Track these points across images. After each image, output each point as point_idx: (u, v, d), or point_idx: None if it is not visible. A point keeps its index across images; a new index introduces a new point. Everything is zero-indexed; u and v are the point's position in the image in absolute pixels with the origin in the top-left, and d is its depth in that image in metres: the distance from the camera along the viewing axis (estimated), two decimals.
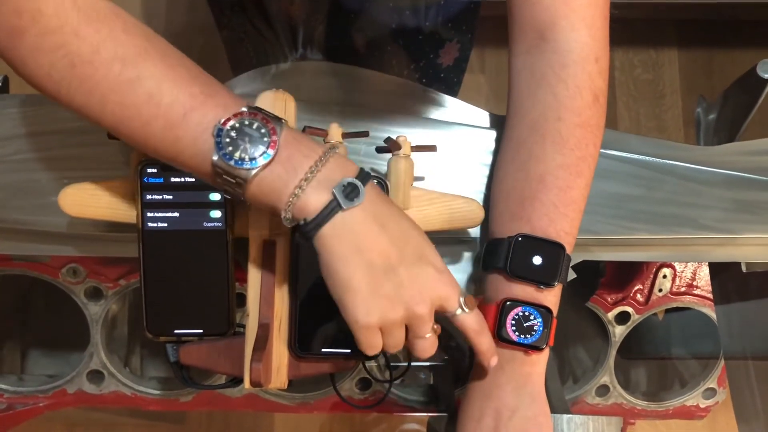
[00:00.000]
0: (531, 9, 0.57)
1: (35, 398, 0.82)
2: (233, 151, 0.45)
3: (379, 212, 0.47)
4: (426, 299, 0.47)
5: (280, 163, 0.45)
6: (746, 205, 0.64)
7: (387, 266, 0.46)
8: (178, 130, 0.45)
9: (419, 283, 0.47)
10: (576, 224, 0.58)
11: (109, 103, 0.45)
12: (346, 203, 0.45)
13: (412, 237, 0.48)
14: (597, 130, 0.58)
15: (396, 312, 0.47)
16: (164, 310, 0.56)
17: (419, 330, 0.49)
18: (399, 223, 0.48)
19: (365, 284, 0.46)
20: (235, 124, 0.45)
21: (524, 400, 0.55)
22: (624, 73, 1.73)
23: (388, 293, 0.46)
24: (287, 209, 0.45)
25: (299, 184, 0.45)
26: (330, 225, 0.45)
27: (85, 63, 0.45)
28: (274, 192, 0.46)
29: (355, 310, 0.47)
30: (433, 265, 0.48)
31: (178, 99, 0.45)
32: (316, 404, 0.84)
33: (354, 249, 0.46)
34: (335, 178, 0.45)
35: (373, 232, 0.46)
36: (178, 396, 0.83)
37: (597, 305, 0.83)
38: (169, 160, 0.48)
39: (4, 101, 0.64)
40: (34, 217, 0.61)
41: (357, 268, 0.46)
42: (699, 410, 0.91)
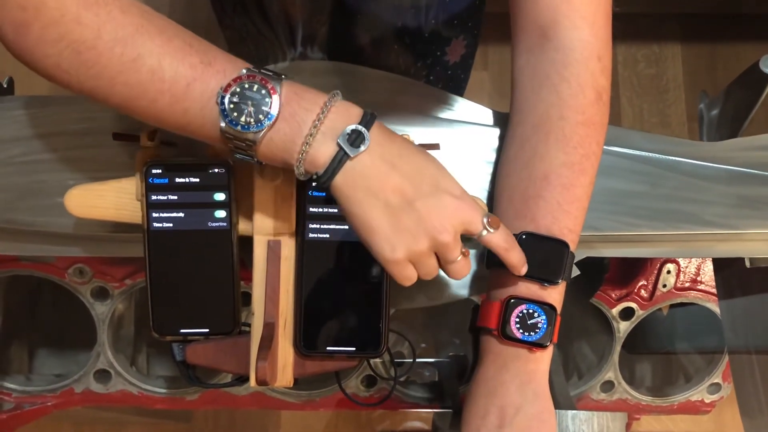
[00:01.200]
0: (533, 8, 0.57)
1: (43, 398, 0.82)
2: (238, 117, 0.46)
3: (387, 152, 0.48)
4: (447, 227, 0.49)
5: (285, 120, 0.46)
6: (749, 201, 0.64)
7: (403, 202, 0.48)
8: (184, 102, 0.47)
9: (438, 212, 0.48)
10: (580, 222, 0.58)
11: (117, 85, 0.47)
12: (353, 151, 0.46)
13: (425, 170, 0.49)
14: (600, 128, 0.58)
15: (420, 244, 0.48)
16: (170, 310, 0.56)
17: (448, 256, 0.50)
18: (410, 159, 0.49)
19: (385, 223, 0.48)
20: (236, 89, 0.46)
21: (528, 397, 0.55)
22: (627, 68, 1.73)
23: (409, 227, 0.48)
24: (299, 165, 0.47)
25: (305, 140, 0.46)
26: (341, 174, 0.47)
27: (89, 49, 0.46)
28: (283, 150, 0.47)
29: (382, 249, 0.48)
30: (450, 193, 0.49)
31: (179, 72, 0.46)
32: (321, 402, 0.84)
33: (368, 192, 0.47)
34: (339, 127, 0.47)
35: (384, 173, 0.47)
36: (185, 395, 0.84)
37: (601, 301, 0.83)
38: (181, 132, 0.49)
39: (9, 103, 0.65)
40: (40, 218, 0.62)
41: (374, 209, 0.47)
42: (704, 405, 0.91)
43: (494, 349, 0.57)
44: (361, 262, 0.55)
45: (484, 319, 0.58)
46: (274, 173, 0.55)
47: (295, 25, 0.82)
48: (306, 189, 0.55)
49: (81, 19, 0.45)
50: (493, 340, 0.57)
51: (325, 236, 0.55)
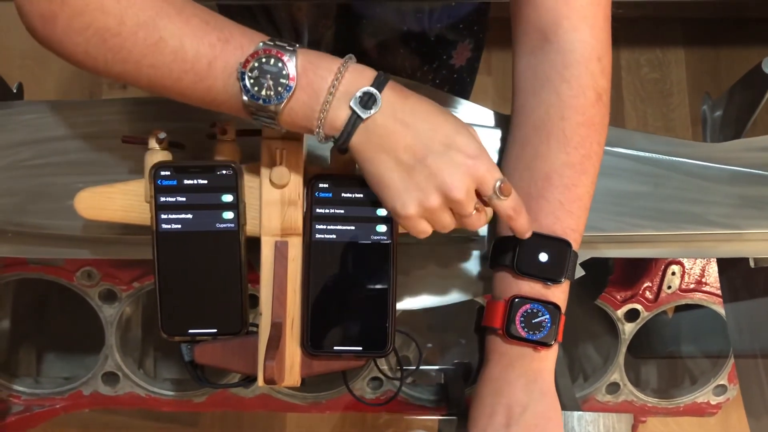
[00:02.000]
0: (533, 10, 0.58)
1: (52, 400, 0.83)
2: (259, 91, 0.48)
3: (399, 112, 0.49)
4: (458, 184, 0.49)
5: (302, 90, 0.48)
6: (753, 201, 0.65)
7: (414, 160, 0.49)
8: (207, 80, 0.49)
9: (449, 169, 0.49)
10: (582, 221, 0.59)
11: (143, 67, 0.49)
12: (365, 113, 0.48)
13: (439, 128, 0.50)
14: (601, 129, 0.59)
15: (431, 200, 0.50)
16: (178, 311, 0.56)
17: (462, 211, 0.51)
18: (423, 117, 0.50)
19: (397, 179, 0.49)
20: (255, 64, 0.48)
21: (534, 395, 0.56)
22: (631, 72, 1.73)
23: (420, 184, 0.49)
24: (319, 132, 0.49)
25: (322, 106, 0.48)
26: (356, 136, 0.49)
27: (114, 36, 0.48)
28: (303, 119, 0.49)
29: (393, 205, 0.50)
30: (463, 151, 0.50)
31: (200, 51, 0.48)
32: (328, 404, 0.85)
33: (381, 150, 0.49)
34: (352, 90, 0.48)
35: (396, 132, 0.49)
36: (192, 397, 0.84)
37: (606, 303, 0.84)
38: (208, 107, 0.51)
39: (19, 108, 0.66)
40: (50, 221, 0.62)
41: (386, 166, 0.49)
42: (710, 407, 0.91)
43: (500, 349, 0.57)
44: (368, 262, 0.56)
45: (488, 319, 0.58)
46: (281, 177, 0.55)
47: (301, 29, 0.83)
48: (312, 190, 0.56)
49: (104, 7, 0.47)
50: (499, 340, 0.58)
51: (331, 237, 0.56)
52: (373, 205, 0.56)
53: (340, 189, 0.56)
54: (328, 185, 0.56)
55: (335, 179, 0.56)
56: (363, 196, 0.56)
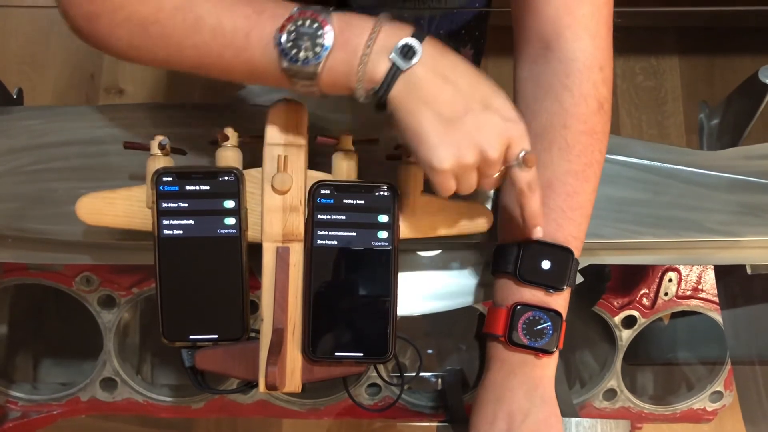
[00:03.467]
0: (536, 19, 0.58)
1: (49, 406, 0.83)
2: (297, 53, 0.48)
3: (440, 66, 0.49)
4: (495, 144, 0.50)
5: (340, 48, 0.49)
6: (750, 208, 0.65)
7: (454, 116, 0.49)
8: (246, 52, 0.50)
9: (487, 128, 0.49)
10: (583, 229, 0.59)
11: (185, 49, 0.51)
12: (405, 63, 0.48)
13: (478, 86, 0.50)
14: (602, 137, 0.59)
15: (467, 156, 0.50)
16: (180, 316, 0.57)
17: (489, 171, 0.51)
18: (464, 74, 0.50)
19: (435, 134, 0.49)
20: (291, 28, 0.48)
21: (536, 402, 0.56)
22: (626, 80, 1.74)
23: (458, 140, 0.49)
24: (358, 88, 0.49)
25: (361, 61, 0.48)
26: (396, 88, 0.49)
27: (154, 23, 0.50)
28: (343, 76, 0.49)
29: (430, 158, 0.50)
30: (501, 113, 0.50)
31: (236, 25, 0.49)
32: (326, 410, 0.84)
33: (421, 103, 0.49)
34: (391, 43, 0.48)
35: (437, 86, 0.49)
36: (190, 403, 0.84)
37: (603, 309, 0.84)
38: (250, 80, 0.52)
39: (20, 113, 0.66)
40: (50, 227, 0.62)
41: (426, 119, 0.49)
42: (706, 413, 0.91)
43: (501, 356, 0.58)
44: (369, 268, 0.56)
45: (490, 326, 0.58)
46: (283, 183, 0.56)
47: None
48: (314, 197, 0.56)
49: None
50: (500, 347, 0.58)
51: (333, 243, 0.56)
52: (375, 211, 0.56)
53: (341, 195, 0.56)
54: (330, 191, 0.56)
55: (337, 185, 0.56)
56: (365, 202, 0.56)
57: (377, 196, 0.56)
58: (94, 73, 1.59)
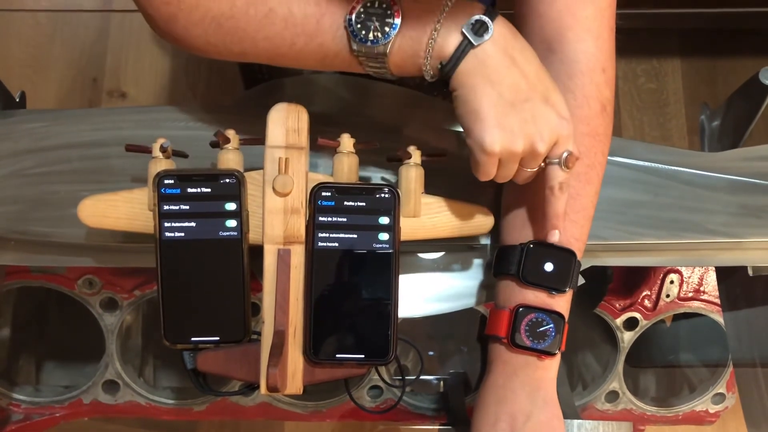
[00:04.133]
0: (538, 21, 0.58)
1: (51, 408, 0.83)
2: (367, 34, 0.49)
3: (510, 46, 0.49)
4: (546, 138, 0.50)
5: (409, 25, 0.49)
6: (752, 210, 0.65)
7: (515, 100, 0.49)
8: (318, 38, 0.51)
9: (542, 122, 0.50)
10: (585, 231, 0.59)
11: (259, 42, 0.52)
12: (477, 39, 0.48)
13: (541, 77, 0.50)
14: (605, 139, 0.59)
15: (518, 145, 0.50)
16: (181, 318, 0.57)
17: (531, 164, 0.52)
18: (530, 60, 0.50)
19: (493, 114, 0.49)
20: (360, 10, 0.49)
21: (538, 404, 0.56)
22: (627, 82, 1.74)
23: (513, 126, 0.49)
24: (427, 63, 0.49)
25: (431, 36, 0.48)
26: (464, 63, 0.49)
27: (228, 19, 0.51)
28: (413, 54, 0.50)
29: (482, 138, 0.50)
30: (557, 108, 0.50)
31: (307, 13, 0.50)
32: (328, 412, 0.85)
33: (486, 81, 0.49)
34: (461, 19, 0.48)
35: (504, 65, 0.49)
36: (192, 405, 0.84)
37: (605, 311, 0.84)
38: (322, 66, 0.53)
39: (22, 116, 0.66)
40: (53, 229, 0.63)
41: (487, 98, 0.49)
42: (708, 415, 0.91)
43: (503, 357, 0.58)
44: (370, 270, 0.56)
45: (493, 328, 0.58)
46: (284, 185, 0.56)
47: None
48: (315, 199, 0.56)
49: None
50: (503, 349, 0.58)
51: (334, 245, 0.56)
52: (376, 213, 0.56)
53: (343, 197, 0.56)
54: (331, 193, 0.56)
55: (338, 188, 0.56)
56: (366, 204, 0.56)
57: (378, 198, 0.56)
58: (97, 76, 1.60)
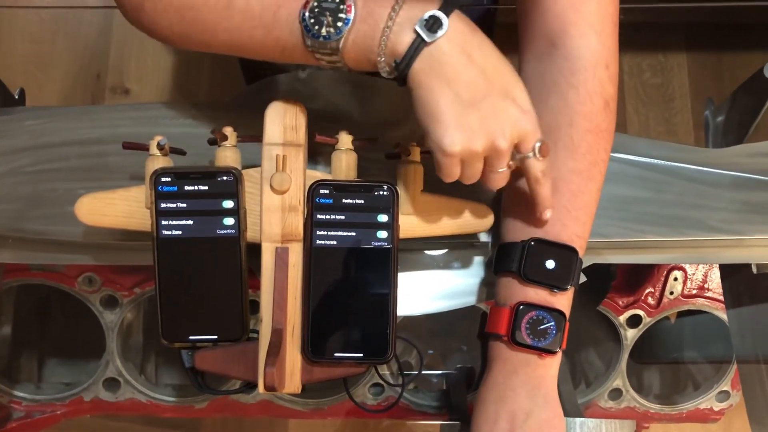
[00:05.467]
0: (541, 17, 0.58)
1: (52, 406, 0.83)
2: (319, 29, 0.48)
3: (467, 42, 0.48)
4: (507, 135, 0.49)
5: (363, 21, 0.48)
6: (755, 207, 0.64)
7: (473, 98, 0.48)
8: (274, 31, 0.51)
9: (502, 118, 0.49)
10: (587, 228, 0.58)
11: (219, 33, 0.52)
12: (430, 36, 0.47)
13: (500, 72, 0.49)
14: (608, 136, 0.58)
15: (478, 144, 0.49)
16: (179, 317, 0.56)
17: (496, 164, 0.51)
18: (488, 56, 0.49)
19: (451, 115, 0.48)
20: (314, 4, 0.49)
21: (538, 402, 0.55)
22: (633, 77, 1.73)
23: (472, 125, 0.48)
24: (381, 60, 0.49)
25: (383, 33, 0.48)
26: (418, 61, 0.48)
27: (189, 9, 0.51)
28: (366, 50, 0.49)
29: (441, 139, 0.49)
30: (519, 104, 0.49)
31: (264, 4, 0.50)
32: (329, 410, 0.84)
33: (442, 80, 0.48)
34: (416, 15, 0.48)
35: (461, 63, 0.48)
36: (193, 403, 0.84)
37: (608, 309, 0.83)
38: (281, 58, 0.53)
39: (21, 114, 0.66)
40: (51, 227, 0.62)
41: (444, 97, 0.48)
42: (713, 413, 0.90)
43: (504, 355, 0.57)
44: (369, 268, 0.56)
45: (493, 326, 0.58)
46: (282, 182, 0.55)
47: None
48: (313, 196, 0.56)
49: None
50: (503, 346, 0.57)
51: (332, 243, 0.56)
52: (374, 211, 0.56)
53: (341, 195, 0.56)
54: (329, 191, 0.56)
55: (336, 185, 0.56)
56: (364, 202, 0.56)
57: (377, 195, 0.56)
58: (100, 72, 1.60)
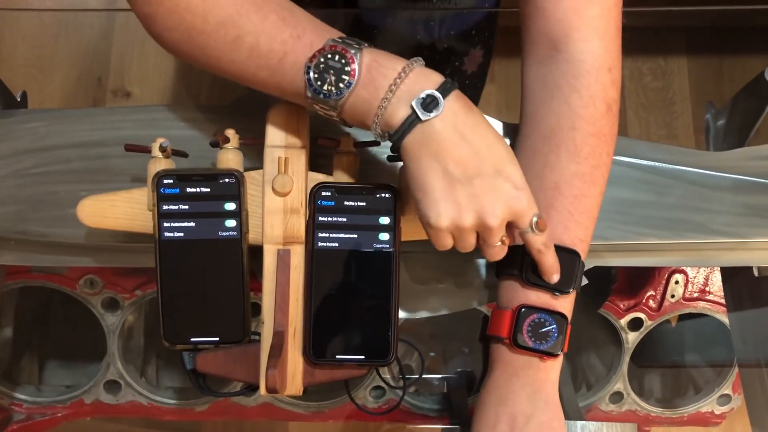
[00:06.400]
0: (544, 21, 0.58)
1: (53, 408, 0.83)
2: (321, 86, 0.49)
3: (461, 123, 0.49)
4: (497, 213, 0.49)
5: (363, 87, 0.49)
6: (757, 210, 0.64)
7: (463, 176, 0.49)
8: (278, 75, 0.51)
9: (493, 196, 0.49)
10: (590, 232, 0.58)
11: (225, 64, 0.52)
12: (425, 114, 0.48)
13: (494, 149, 0.50)
14: (610, 139, 0.58)
15: (465, 220, 0.49)
16: (181, 319, 0.56)
17: (488, 239, 0.51)
18: (482, 135, 0.49)
19: (439, 189, 0.49)
20: (321, 60, 0.49)
21: (539, 405, 0.55)
22: (634, 81, 1.74)
23: (460, 201, 0.49)
24: (375, 127, 0.50)
25: (381, 104, 0.48)
26: (411, 135, 0.49)
27: (199, 34, 0.51)
28: (362, 114, 0.50)
29: (427, 212, 0.50)
30: (511, 181, 0.50)
31: (272, 49, 0.50)
32: (330, 413, 0.84)
33: (432, 155, 0.49)
34: (415, 91, 0.48)
35: (452, 142, 0.48)
36: (194, 406, 0.84)
37: (609, 312, 0.83)
38: (283, 97, 0.54)
39: (23, 116, 0.66)
40: (52, 229, 0.63)
41: (433, 172, 0.49)
42: (714, 417, 0.90)
43: (505, 358, 0.57)
44: (370, 270, 0.56)
45: (495, 328, 0.58)
46: (284, 184, 0.55)
47: None
48: (315, 198, 0.56)
49: (191, 7, 0.50)
50: (504, 349, 0.57)
51: (334, 245, 0.56)
52: (376, 213, 0.56)
53: (342, 197, 0.56)
54: (331, 193, 0.56)
55: (338, 187, 0.56)
56: (366, 204, 0.56)
57: (378, 198, 0.56)
58: (102, 75, 1.60)
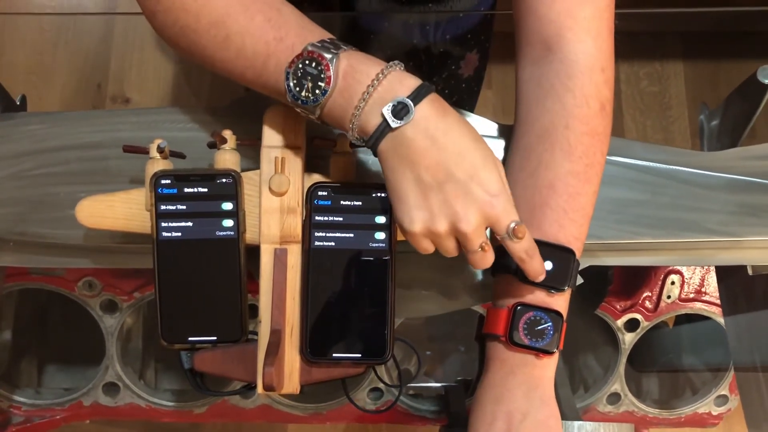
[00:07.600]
0: (537, 22, 0.58)
1: (52, 411, 0.83)
2: (300, 91, 0.50)
3: (432, 128, 0.49)
4: (470, 218, 0.49)
5: (339, 93, 0.50)
6: (750, 209, 0.65)
7: (434, 181, 0.49)
8: (263, 76, 0.52)
9: (464, 201, 0.49)
10: (584, 230, 0.59)
11: (216, 62, 0.54)
12: (395, 122, 0.48)
13: (467, 154, 0.49)
14: (604, 138, 0.59)
15: (438, 225, 0.50)
16: (178, 318, 0.57)
17: (466, 245, 0.51)
18: (456, 140, 0.49)
19: (412, 195, 0.49)
20: (299, 65, 0.50)
21: (535, 403, 0.56)
22: (630, 85, 1.74)
23: (432, 207, 0.49)
24: (351, 133, 0.50)
25: (354, 111, 0.49)
26: (384, 143, 0.49)
27: (192, 32, 0.53)
28: (338, 119, 0.51)
29: (401, 218, 0.51)
30: (484, 186, 0.49)
31: (257, 50, 0.51)
32: (328, 414, 0.84)
33: (405, 161, 0.49)
34: (387, 98, 0.49)
35: (423, 149, 0.49)
36: (192, 408, 0.84)
37: (606, 313, 0.84)
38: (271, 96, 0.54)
39: (22, 119, 0.66)
40: (51, 231, 0.63)
41: (406, 179, 0.49)
42: (711, 417, 0.90)
43: (501, 356, 0.57)
44: (367, 269, 0.56)
45: (491, 326, 0.58)
46: (280, 184, 0.56)
47: None
48: (311, 198, 0.56)
49: (185, 5, 0.52)
50: (501, 347, 0.58)
51: (330, 244, 0.56)
52: (372, 212, 0.56)
53: (339, 197, 0.56)
54: (327, 193, 0.56)
55: (334, 187, 0.56)
56: (362, 203, 0.56)
57: (374, 197, 0.56)
58: (101, 82, 1.61)
